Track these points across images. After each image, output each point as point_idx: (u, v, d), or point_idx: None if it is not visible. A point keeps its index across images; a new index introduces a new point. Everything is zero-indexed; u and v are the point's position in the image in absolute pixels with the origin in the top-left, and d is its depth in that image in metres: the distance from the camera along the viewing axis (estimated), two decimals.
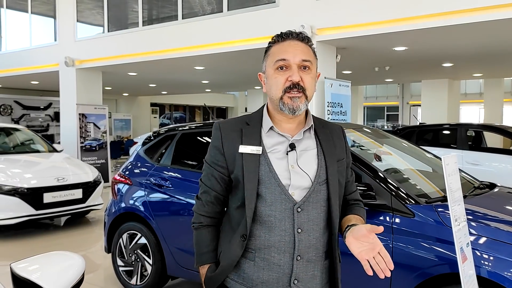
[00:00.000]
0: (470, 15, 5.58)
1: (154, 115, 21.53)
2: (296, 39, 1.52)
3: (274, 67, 1.49)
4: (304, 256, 1.48)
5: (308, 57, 1.49)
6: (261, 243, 1.48)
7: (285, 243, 1.47)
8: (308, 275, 1.50)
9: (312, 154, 1.53)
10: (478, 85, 23.83)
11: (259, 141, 1.52)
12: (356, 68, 10.21)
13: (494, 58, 8.96)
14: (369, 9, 6.25)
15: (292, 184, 1.48)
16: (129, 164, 4.23)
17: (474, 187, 3.33)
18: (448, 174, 2.19)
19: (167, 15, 8.98)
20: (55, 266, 1.19)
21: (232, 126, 1.59)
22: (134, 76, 11.69)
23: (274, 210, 1.47)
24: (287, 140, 1.52)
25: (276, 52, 1.51)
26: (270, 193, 1.48)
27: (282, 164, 1.49)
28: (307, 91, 1.48)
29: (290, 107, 1.46)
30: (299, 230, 1.47)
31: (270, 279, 1.48)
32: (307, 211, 1.48)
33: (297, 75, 1.46)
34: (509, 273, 2.37)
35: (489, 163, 7.29)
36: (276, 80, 1.48)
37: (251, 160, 1.49)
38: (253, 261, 1.50)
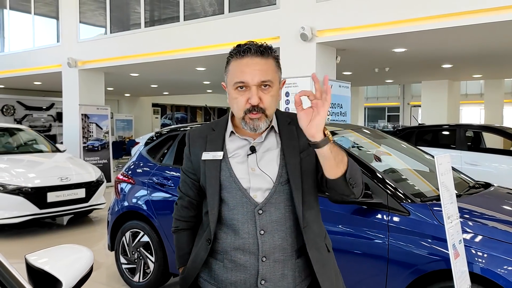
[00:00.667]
0: (469, 17, 5.65)
1: (155, 115, 21.61)
2: (255, 56, 1.47)
3: (234, 86, 1.48)
4: (270, 257, 1.49)
5: (267, 77, 1.46)
6: (228, 246, 1.52)
7: (249, 245, 1.49)
8: (277, 275, 1.51)
9: (274, 154, 1.53)
10: (479, 86, 23.86)
11: (222, 147, 1.55)
12: (356, 69, 10.29)
13: (493, 60, 9.03)
14: (368, 11, 6.32)
15: (252, 187, 1.50)
16: (132, 164, 4.31)
17: (469, 186, 3.41)
18: (441, 173, 2.26)
19: (169, 16, 9.07)
20: (66, 257, 1.27)
21: (199, 133, 1.64)
22: (136, 77, 11.78)
23: (236, 214, 1.50)
24: (248, 143, 1.54)
25: (235, 71, 1.48)
26: (232, 198, 1.51)
27: (242, 167, 1.52)
28: (267, 110, 1.48)
29: (251, 126, 1.48)
30: (261, 232, 1.49)
31: (238, 280, 1.51)
32: (269, 213, 1.49)
33: (256, 97, 1.45)
34: (502, 270, 2.45)
35: (488, 163, 7.36)
36: (237, 101, 1.48)
37: (212, 166, 1.53)
38: (222, 262, 1.54)
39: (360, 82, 14.35)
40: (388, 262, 2.78)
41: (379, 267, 2.80)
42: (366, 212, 2.90)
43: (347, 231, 2.94)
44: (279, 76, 1.54)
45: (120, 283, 4.15)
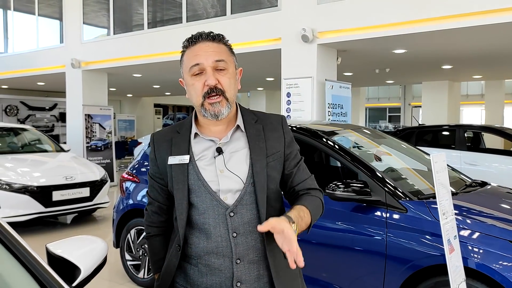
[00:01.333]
0: (468, 19, 5.73)
1: (157, 115, 21.73)
2: (207, 40, 1.48)
3: (190, 73, 1.47)
4: (244, 258, 1.47)
5: (221, 57, 1.45)
6: (201, 250, 1.48)
7: (222, 248, 1.46)
8: (253, 276, 1.48)
9: (242, 154, 1.49)
10: (480, 86, 23.93)
11: (188, 149, 1.50)
12: (357, 70, 10.37)
13: (493, 61, 9.11)
14: (368, 13, 6.42)
15: (222, 189, 1.46)
16: (136, 163, 4.41)
17: (466, 185, 3.50)
18: (437, 171, 2.36)
19: (172, 17, 9.17)
20: (83, 247, 1.37)
21: (163, 136, 1.58)
22: (138, 77, 11.89)
23: (207, 218, 1.47)
24: (214, 144, 1.50)
25: (189, 57, 1.48)
26: (201, 201, 1.47)
27: (210, 170, 1.47)
28: (227, 93, 1.45)
29: (212, 113, 1.44)
30: (234, 234, 1.46)
31: (214, 283, 1.48)
32: (241, 214, 1.46)
33: (213, 78, 1.43)
34: (497, 265, 2.54)
35: (488, 163, 7.44)
36: (194, 87, 1.46)
37: (179, 171, 1.48)
38: (197, 267, 1.50)
39: (361, 82, 14.43)
40: (386, 258, 2.87)
41: (378, 263, 2.89)
42: (365, 209, 2.99)
43: (346, 228, 3.03)
44: (234, 61, 1.52)
45: (125, 279, 4.24)
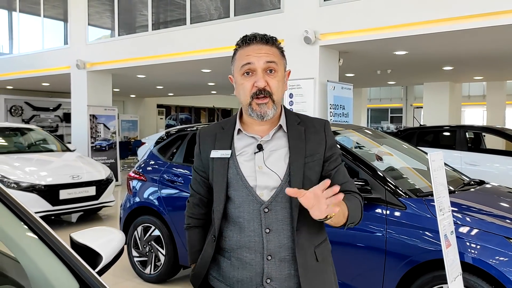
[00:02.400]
0: (469, 22, 5.83)
1: (160, 116, 21.86)
2: (261, 43, 1.52)
3: (240, 72, 1.51)
4: (276, 255, 1.48)
5: (272, 59, 1.49)
6: (234, 243, 1.52)
7: (254, 243, 1.49)
8: (283, 274, 1.49)
9: (282, 153, 1.52)
10: (482, 87, 23.99)
11: (230, 145, 1.56)
12: (359, 71, 10.47)
13: (494, 62, 9.20)
14: (370, 15, 6.52)
15: (259, 185, 1.49)
16: (143, 162, 4.52)
17: (464, 183, 3.60)
18: (434, 169, 2.46)
19: (176, 19, 9.29)
20: (104, 237, 1.47)
21: (209, 131, 1.64)
22: (142, 78, 12.01)
23: (242, 212, 1.50)
24: (256, 141, 1.53)
25: (241, 57, 1.52)
26: (238, 195, 1.51)
27: (249, 165, 1.51)
28: (274, 95, 1.49)
29: (258, 113, 1.48)
30: (267, 230, 1.48)
31: (244, 278, 1.51)
32: (275, 211, 1.48)
33: (262, 80, 1.47)
34: (494, 260, 2.64)
35: (488, 164, 7.53)
36: (243, 86, 1.50)
37: (220, 164, 1.54)
38: (230, 260, 1.54)
39: (363, 83, 14.53)
40: (386, 254, 2.97)
41: (378, 259, 2.99)
42: (366, 206, 3.09)
43: None
44: (284, 64, 1.56)
45: (132, 275, 4.35)
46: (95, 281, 1.18)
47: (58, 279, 1.20)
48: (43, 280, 1.20)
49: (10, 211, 1.23)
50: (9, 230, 1.26)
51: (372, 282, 3.02)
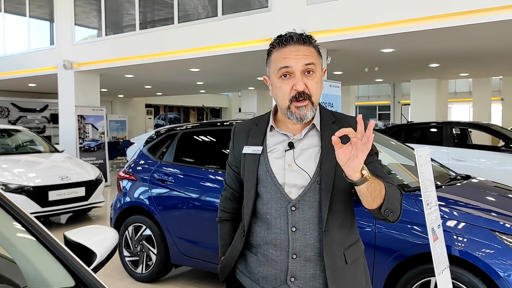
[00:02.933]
0: (454, 19, 5.92)
1: (149, 116, 21.78)
2: (297, 43, 1.47)
3: (277, 75, 1.47)
4: (301, 255, 1.48)
5: (311, 60, 1.46)
6: (261, 240, 1.53)
7: (280, 240, 1.49)
8: (308, 274, 1.48)
9: (313, 152, 1.50)
10: (468, 84, 24.30)
11: (262, 141, 1.56)
12: (347, 69, 10.55)
13: (479, 59, 9.34)
14: (357, 13, 6.58)
15: (287, 183, 1.49)
16: (133, 161, 4.52)
17: (450, 178, 3.67)
18: (421, 164, 2.51)
19: (163, 18, 9.27)
20: (97, 235, 1.49)
21: (243, 127, 1.65)
22: (130, 78, 11.96)
23: (270, 208, 1.50)
24: (287, 139, 1.53)
25: (278, 59, 1.47)
26: (267, 192, 1.51)
27: (279, 162, 1.51)
28: (313, 97, 1.46)
29: (297, 116, 1.46)
30: (293, 228, 1.47)
31: (269, 274, 1.51)
32: (303, 210, 1.47)
33: (301, 83, 1.44)
34: (481, 253, 2.70)
35: (475, 159, 7.65)
36: (281, 90, 1.47)
37: (251, 160, 1.55)
38: (256, 256, 1.55)
39: (351, 81, 14.62)
40: (375, 249, 3.01)
41: (367, 254, 3.03)
42: (355, 202, 3.13)
43: None
44: (321, 63, 1.53)
45: (124, 275, 4.35)
46: (91, 278, 1.20)
47: (54, 277, 1.21)
48: (39, 278, 1.22)
49: (4, 211, 1.24)
50: (4, 229, 1.27)
51: None
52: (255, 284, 1.56)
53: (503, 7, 5.55)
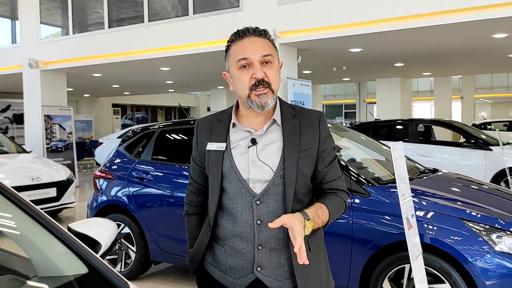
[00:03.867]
0: (419, 20, 6.18)
1: (116, 116, 21.43)
2: (254, 35, 1.53)
3: (237, 66, 1.52)
4: (266, 245, 1.54)
5: (268, 51, 1.52)
6: (227, 233, 1.58)
7: (246, 233, 1.54)
8: (273, 263, 1.55)
9: (276, 147, 1.55)
10: (429, 83, 25.17)
11: (225, 138, 1.59)
12: (316, 68, 10.76)
13: (441, 59, 9.74)
14: (327, 14, 6.76)
15: (251, 178, 1.53)
16: (109, 160, 4.51)
17: (420, 171, 3.86)
18: (396, 158, 2.66)
19: (133, 16, 9.19)
20: (99, 226, 1.54)
21: (205, 123, 1.68)
22: (98, 77, 11.78)
23: (236, 203, 1.55)
24: (250, 135, 1.56)
25: (236, 51, 1.52)
26: (232, 188, 1.55)
27: (243, 159, 1.55)
28: (272, 85, 1.51)
29: (258, 104, 1.50)
30: (258, 221, 1.52)
31: (236, 265, 1.57)
32: (267, 204, 1.53)
33: (261, 71, 1.49)
34: (449, 239, 2.88)
35: (438, 154, 7.99)
36: (241, 79, 1.51)
37: (215, 157, 1.58)
38: (223, 248, 1.60)
39: (319, 80, 14.90)
40: (352, 240, 3.15)
41: (345, 244, 3.17)
42: None
43: None
44: (277, 56, 1.58)
45: None
46: (102, 265, 1.25)
47: (67, 265, 1.26)
48: (51, 267, 1.26)
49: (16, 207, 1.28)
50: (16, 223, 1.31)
51: (341, 266, 3.19)
52: (223, 275, 1.61)
53: (463, 9, 5.84)
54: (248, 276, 1.56)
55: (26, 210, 1.28)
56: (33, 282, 1.21)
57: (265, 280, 1.55)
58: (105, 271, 1.23)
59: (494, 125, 15.91)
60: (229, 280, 1.59)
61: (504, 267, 2.76)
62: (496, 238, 2.82)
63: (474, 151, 7.70)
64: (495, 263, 2.77)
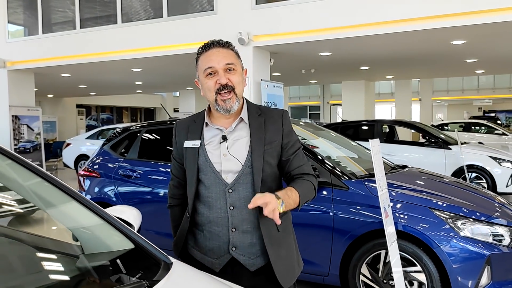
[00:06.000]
0: (384, 27, 6.59)
1: (80, 116, 21.10)
2: (218, 47, 1.75)
3: (204, 74, 1.74)
4: (239, 228, 1.75)
5: (230, 60, 1.73)
6: (205, 219, 1.80)
7: (221, 218, 1.76)
8: (246, 243, 1.76)
9: (244, 142, 1.77)
10: (390, 86, 26.14)
11: (200, 136, 1.81)
12: (285, 70, 11.08)
13: (403, 63, 10.28)
14: (299, 19, 7.07)
15: (224, 170, 1.75)
16: (95, 159, 4.62)
17: (391, 167, 4.20)
18: (374, 153, 2.96)
19: (106, 16, 9.19)
20: (126, 211, 1.73)
21: (183, 124, 1.90)
22: (67, 77, 11.65)
23: (211, 192, 1.77)
24: (221, 132, 1.79)
25: (203, 62, 1.75)
26: (207, 179, 1.77)
27: (216, 153, 1.77)
28: (236, 89, 1.73)
29: (224, 108, 1.73)
30: (231, 207, 1.74)
31: (214, 247, 1.78)
32: (238, 192, 1.74)
33: (224, 77, 1.71)
34: (419, 227, 3.19)
35: (400, 153, 8.46)
36: (208, 85, 1.74)
37: (191, 153, 1.80)
38: (203, 232, 1.82)
39: (287, 82, 15.23)
40: (333, 230, 3.42)
41: (327, 235, 3.44)
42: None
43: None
44: (240, 64, 1.80)
45: None
46: (143, 241, 1.45)
47: (114, 242, 1.45)
48: (99, 244, 1.45)
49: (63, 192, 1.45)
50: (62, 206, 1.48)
51: (322, 255, 3.46)
52: (204, 256, 1.82)
53: (425, 18, 6.28)
54: (225, 256, 1.78)
55: (72, 195, 1.45)
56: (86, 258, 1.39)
57: (240, 259, 1.77)
58: (149, 246, 1.42)
59: (450, 126, 16.79)
60: (209, 261, 1.80)
61: (467, 250, 3.10)
62: (461, 224, 3.17)
63: (435, 150, 8.22)
64: (460, 247, 3.10)
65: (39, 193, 1.54)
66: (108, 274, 1.33)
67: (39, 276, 1.31)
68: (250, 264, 1.77)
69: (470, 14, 6.00)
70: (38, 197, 1.56)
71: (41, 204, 1.64)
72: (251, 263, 1.77)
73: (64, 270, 1.41)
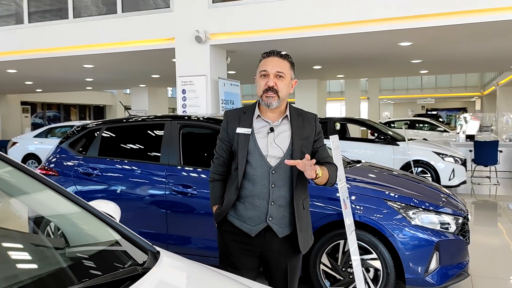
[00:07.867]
0: (336, 28, 6.84)
1: (25, 114, 20.18)
2: (276, 56, 2.21)
3: (259, 74, 2.21)
4: (276, 202, 2.19)
5: (282, 69, 2.18)
6: (249, 193, 2.20)
7: (264, 193, 2.18)
8: (280, 215, 2.20)
9: (286, 135, 2.21)
10: (340, 85, 26.91)
11: (250, 125, 2.23)
12: (240, 69, 11.18)
13: (352, 63, 10.67)
14: (255, 18, 7.19)
15: (269, 155, 2.18)
16: (52, 157, 4.52)
17: (347, 162, 4.42)
18: (334, 148, 3.13)
19: (56, 10, 8.90)
20: (106, 205, 1.78)
21: (234, 113, 2.31)
22: (13, 73, 11.16)
23: (257, 171, 2.19)
24: (268, 125, 2.22)
25: (262, 65, 2.21)
26: (254, 160, 2.19)
27: (264, 141, 2.20)
28: (280, 92, 2.16)
29: (265, 102, 2.18)
30: (273, 185, 2.17)
31: (254, 216, 2.20)
32: (279, 173, 2.18)
33: (272, 81, 2.16)
34: (374, 217, 3.41)
35: (352, 149, 8.81)
36: (259, 84, 2.21)
37: (243, 138, 2.21)
38: (244, 204, 2.22)
39: (243, 81, 15.33)
40: None
41: None
42: None
43: None
44: (291, 74, 2.23)
45: None
46: (130, 233, 1.52)
47: (100, 233, 1.50)
48: (84, 236, 1.50)
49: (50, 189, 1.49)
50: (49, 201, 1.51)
51: None
52: (243, 223, 2.23)
53: (373, 20, 6.59)
54: (262, 224, 2.20)
55: (58, 190, 1.49)
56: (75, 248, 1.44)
57: (274, 227, 2.20)
58: (135, 237, 1.49)
59: (397, 123, 17.58)
60: (247, 227, 2.22)
61: (418, 238, 3.35)
62: (412, 214, 3.42)
63: (384, 146, 8.64)
64: (412, 235, 3.35)
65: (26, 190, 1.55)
66: (99, 265, 1.38)
67: (32, 266, 1.34)
68: (280, 231, 2.20)
69: (416, 17, 6.37)
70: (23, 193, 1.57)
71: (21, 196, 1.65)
72: (280, 231, 2.21)
73: (51, 263, 1.44)
